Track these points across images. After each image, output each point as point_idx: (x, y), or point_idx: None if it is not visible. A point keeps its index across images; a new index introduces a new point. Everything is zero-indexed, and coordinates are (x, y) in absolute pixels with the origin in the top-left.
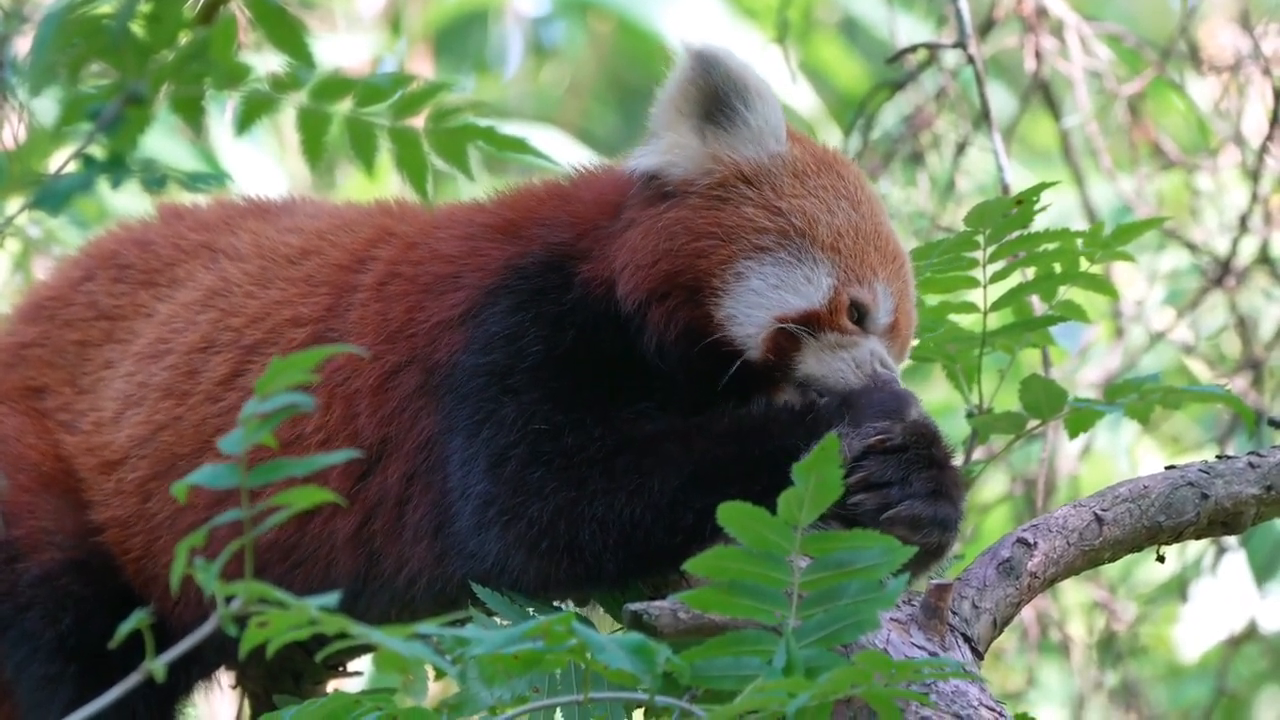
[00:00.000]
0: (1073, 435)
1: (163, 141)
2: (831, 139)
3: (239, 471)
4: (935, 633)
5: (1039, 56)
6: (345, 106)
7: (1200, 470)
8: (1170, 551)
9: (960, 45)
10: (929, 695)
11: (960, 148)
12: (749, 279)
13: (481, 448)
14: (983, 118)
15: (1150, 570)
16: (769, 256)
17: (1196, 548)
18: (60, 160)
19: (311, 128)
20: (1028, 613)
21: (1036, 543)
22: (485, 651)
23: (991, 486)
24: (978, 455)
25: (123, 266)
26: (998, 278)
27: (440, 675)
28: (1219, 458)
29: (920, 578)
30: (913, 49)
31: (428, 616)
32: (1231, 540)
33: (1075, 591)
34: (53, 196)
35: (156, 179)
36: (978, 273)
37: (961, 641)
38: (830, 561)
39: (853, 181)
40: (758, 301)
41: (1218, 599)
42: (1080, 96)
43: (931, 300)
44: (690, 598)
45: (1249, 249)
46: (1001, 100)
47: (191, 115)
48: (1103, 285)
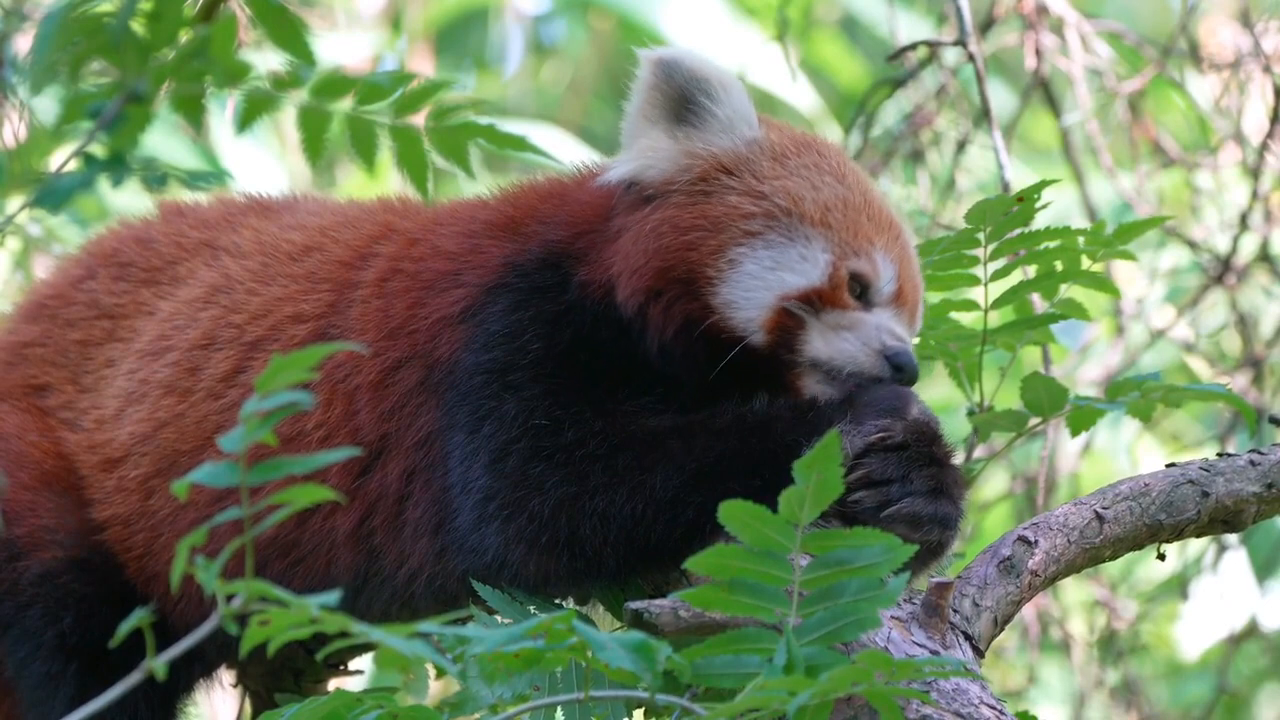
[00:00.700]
0: (1074, 433)
1: (163, 140)
2: (832, 137)
3: (239, 469)
4: (936, 631)
5: (1039, 54)
6: (346, 104)
7: (1201, 468)
8: (1171, 549)
9: (960, 43)
10: (930, 693)
11: (961, 145)
12: (743, 264)
13: (482, 444)
14: (983, 115)
15: (1151, 568)
16: (760, 240)
17: (1197, 546)
18: (61, 158)
19: (312, 126)
20: (1028, 611)
21: (1037, 541)
22: (486, 650)
23: (992, 484)
24: (979, 453)
25: (124, 265)
26: (999, 275)
27: (441, 673)
28: (1220, 455)
29: (921, 575)
30: (913, 46)
31: (428, 614)
32: (1232, 538)
33: (1076, 589)
34: (53, 195)
35: (157, 177)
36: (979, 270)
37: (962, 639)
38: (831, 559)
39: (834, 158)
40: (755, 284)
41: (1218, 597)
42: (1080, 94)
43: (933, 298)
44: (691, 596)
45: (1249, 247)
46: (1002, 98)
47: (192, 113)
48: (1104, 283)
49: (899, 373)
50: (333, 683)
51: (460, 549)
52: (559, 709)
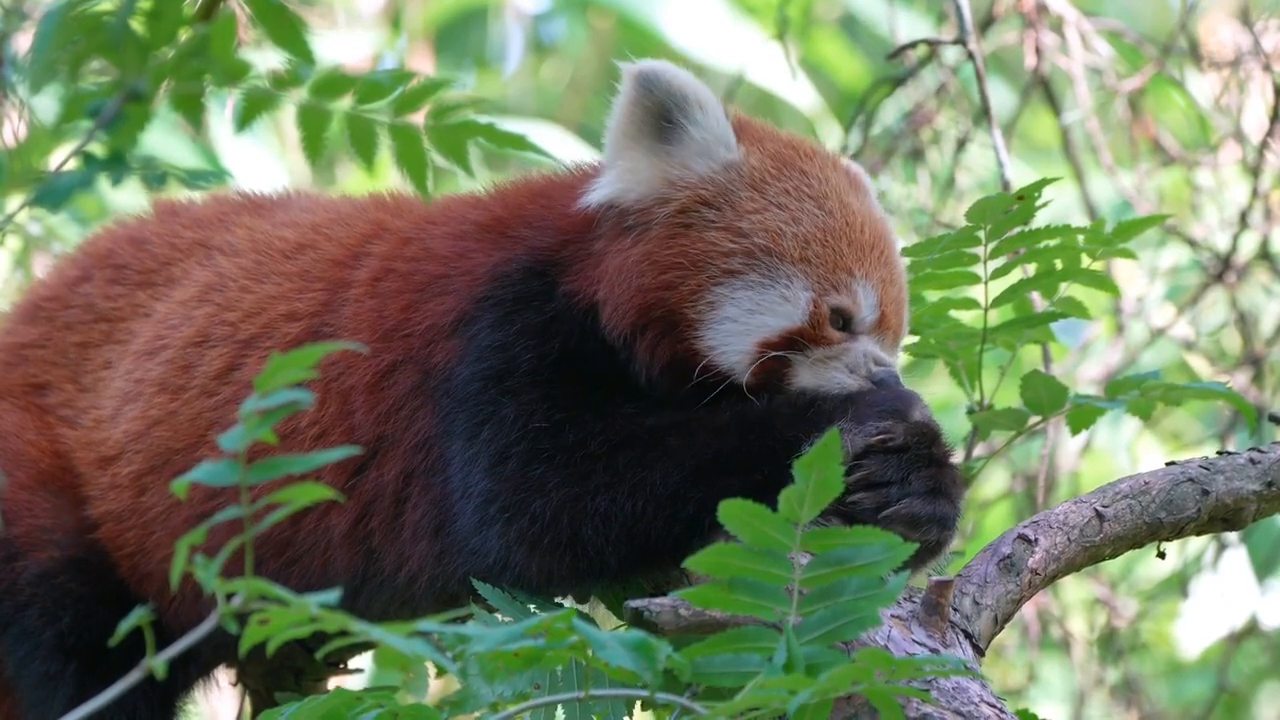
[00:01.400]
0: (1074, 432)
1: (163, 139)
2: (832, 135)
3: (238, 468)
4: (936, 629)
5: (1039, 52)
6: (345, 103)
7: (1201, 466)
8: (1171, 548)
9: (960, 41)
10: (930, 692)
11: (960, 144)
12: (723, 307)
13: (482, 448)
14: (983, 114)
15: (1151, 566)
16: (739, 280)
17: (1197, 544)
18: (60, 157)
19: (311, 124)
20: (1028, 609)
21: (1037, 539)
22: (486, 648)
23: (992, 483)
24: (978, 451)
25: (119, 267)
26: (999, 274)
27: (441, 672)
28: (1220, 454)
29: (919, 574)
30: (913, 45)
31: (429, 613)
32: (1232, 536)
33: (1076, 588)
34: (53, 194)
35: (157, 176)
36: (979, 269)
37: (962, 638)
38: (831, 558)
39: (816, 175)
40: (736, 329)
41: (1219, 595)
42: (1080, 92)
43: (932, 296)
44: (691, 594)
45: (1249, 245)
46: (1002, 96)
47: (191, 112)
48: (1104, 282)
49: None
50: (332, 681)
51: (461, 551)
52: (559, 707)
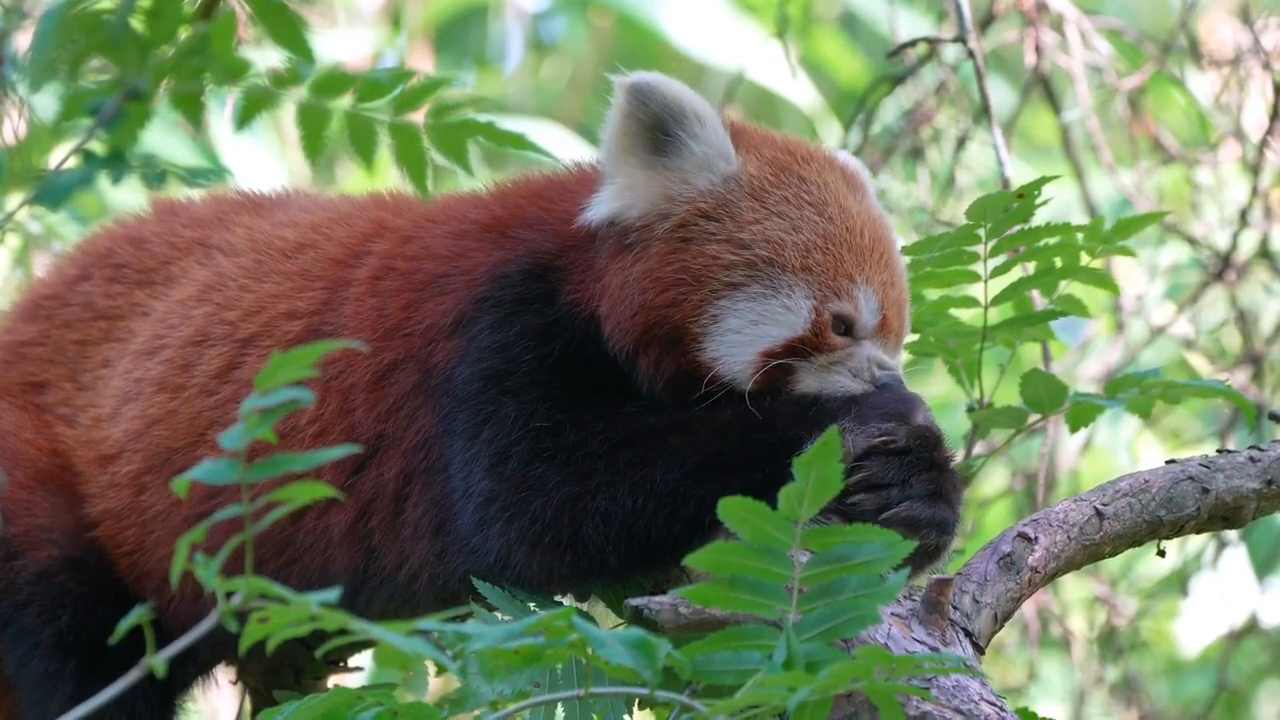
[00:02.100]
0: (1073, 430)
1: (163, 137)
2: (832, 134)
3: (238, 467)
4: (936, 627)
5: (1039, 51)
6: (345, 102)
7: (1201, 465)
8: (1171, 546)
9: (960, 40)
10: (930, 690)
11: (960, 142)
12: (726, 319)
13: (483, 447)
14: (983, 112)
15: (1151, 565)
16: (741, 292)
17: (1197, 542)
18: (60, 156)
19: (311, 123)
20: (1028, 607)
21: (1037, 537)
22: (486, 647)
23: (992, 481)
24: (978, 450)
25: (118, 266)
26: (998, 272)
27: (441, 670)
28: (1220, 452)
29: (917, 577)
30: (913, 43)
31: (429, 613)
32: (1232, 535)
33: (1076, 586)
34: (53, 192)
35: (156, 174)
36: (978, 267)
37: (962, 636)
38: (831, 556)
39: (815, 180)
40: (739, 340)
41: (1218, 594)
42: (1080, 91)
43: (932, 295)
44: (691, 593)
45: (1249, 243)
46: (1002, 95)
47: (191, 111)
48: (1103, 280)
49: None
50: (332, 679)
51: (462, 550)
52: (559, 705)
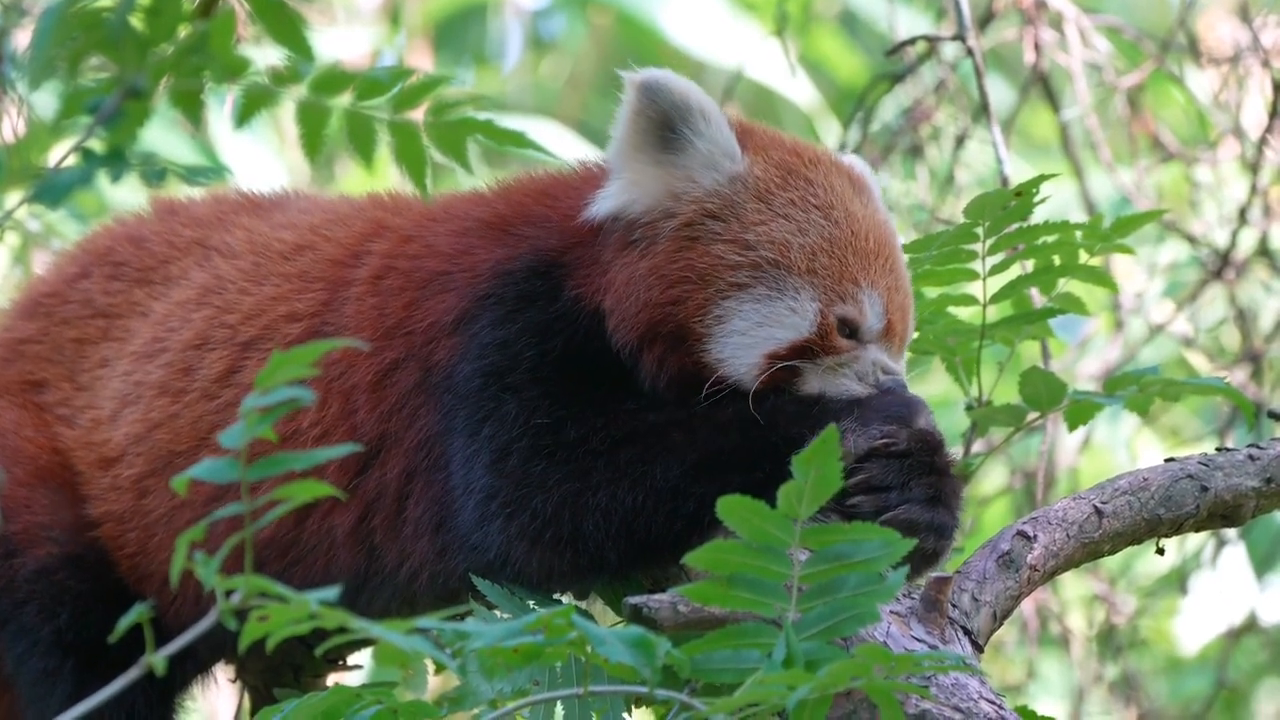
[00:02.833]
0: (1072, 428)
1: (162, 135)
2: (831, 132)
3: (238, 465)
4: (935, 626)
5: (1038, 49)
6: (344, 100)
7: (1200, 463)
8: (1170, 544)
9: (959, 38)
10: (929, 688)
11: (959, 140)
12: (730, 320)
13: (483, 444)
14: (982, 110)
15: (1150, 563)
16: (746, 294)
17: (1196, 540)
18: (60, 154)
19: (311, 121)
20: (1027, 606)
21: (1036, 535)
22: (485, 645)
23: (991, 479)
24: (977, 448)
25: (117, 264)
26: (997, 270)
27: (440, 669)
28: (1218, 450)
29: (914, 580)
30: (912, 41)
31: (429, 611)
32: (1231, 533)
33: (1075, 584)
34: (52, 190)
35: (156, 173)
36: (977, 265)
37: (961, 634)
38: (830, 554)
39: (821, 183)
40: (744, 342)
41: (1217, 592)
42: (1079, 89)
43: (931, 293)
44: (690, 591)
45: (1248, 241)
46: (1001, 93)
47: (191, 109)
48: (1102, 278)
49: None
50: (332, 678)
51: (462, 547)
52: (558, 704)
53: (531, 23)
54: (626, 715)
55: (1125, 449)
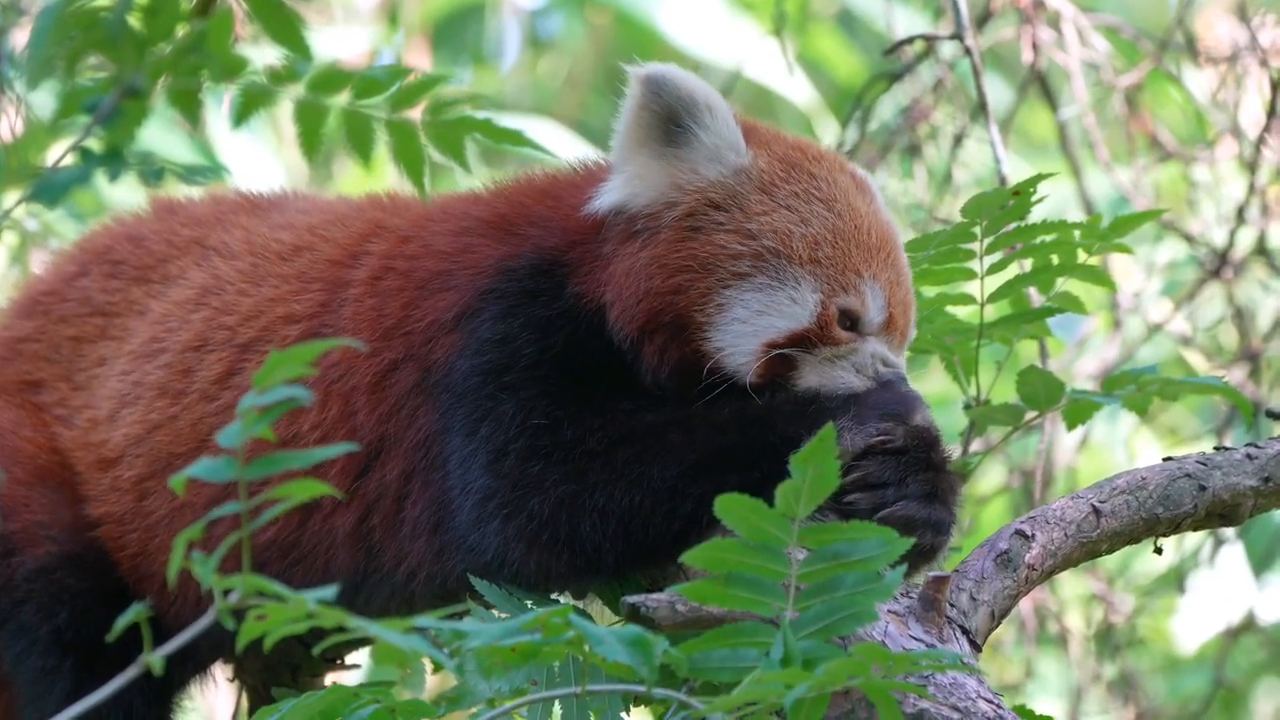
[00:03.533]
0: (1070, 427)
1: (160, 134)
2: (828, 131)
3: (237, 464)
4: (933, 625)
5: (1036, 48)
6: (343, 99)
7: (1198, 462)
8: (1168, 543)
9: (957, 37)
10: (927, 687)
11: (957, 139)
12: (732, 309)
13: (481, 445)
14: (980, 109)
15: (1148, 562)
16: (748, 283)
17: (1194, 539)
18: (58, 153)
19: (309, 120)
20: (1025, 605)
21: (1034, 535)
22: (483, 644)
23: (989, 478)
24: (975, 447)
25: (116, 263)
26: (995, 269)
27: (438, 668)
28: (1217, 449)
29: (913, 578)
30: (910, 41)
31: (428, 610)
32: (1229, 532)
33: (1073, 583)
34: (50, 189)
35: (154, 172)
36: (975, 264)
37: (959, 634)
38: (828, 553)
39: (824, 178)
40: (744, 330)
41: (1216, 591)
42: (1077, 88)
43: (929, 292)
44: (688, 590)
45: (1246, 240)
46: (998, 92)
47: (189, 108)
48: (1100, 277)
49: None
50: (330, 677)
51: (459, 548)
52: (556, 703)
53: (529, 22)
54: (624, 714)
55: (1123, 448)
